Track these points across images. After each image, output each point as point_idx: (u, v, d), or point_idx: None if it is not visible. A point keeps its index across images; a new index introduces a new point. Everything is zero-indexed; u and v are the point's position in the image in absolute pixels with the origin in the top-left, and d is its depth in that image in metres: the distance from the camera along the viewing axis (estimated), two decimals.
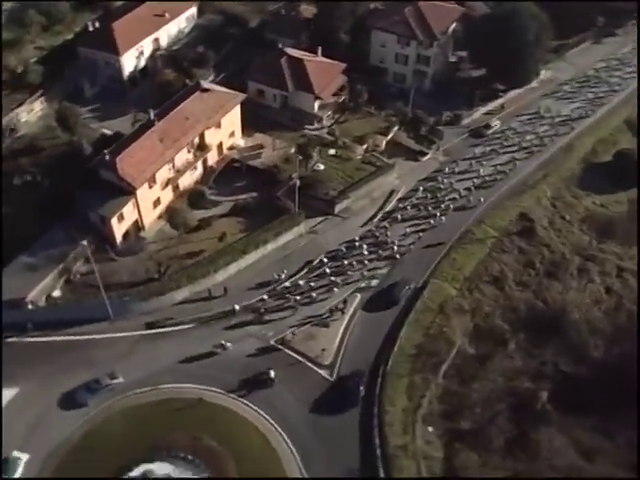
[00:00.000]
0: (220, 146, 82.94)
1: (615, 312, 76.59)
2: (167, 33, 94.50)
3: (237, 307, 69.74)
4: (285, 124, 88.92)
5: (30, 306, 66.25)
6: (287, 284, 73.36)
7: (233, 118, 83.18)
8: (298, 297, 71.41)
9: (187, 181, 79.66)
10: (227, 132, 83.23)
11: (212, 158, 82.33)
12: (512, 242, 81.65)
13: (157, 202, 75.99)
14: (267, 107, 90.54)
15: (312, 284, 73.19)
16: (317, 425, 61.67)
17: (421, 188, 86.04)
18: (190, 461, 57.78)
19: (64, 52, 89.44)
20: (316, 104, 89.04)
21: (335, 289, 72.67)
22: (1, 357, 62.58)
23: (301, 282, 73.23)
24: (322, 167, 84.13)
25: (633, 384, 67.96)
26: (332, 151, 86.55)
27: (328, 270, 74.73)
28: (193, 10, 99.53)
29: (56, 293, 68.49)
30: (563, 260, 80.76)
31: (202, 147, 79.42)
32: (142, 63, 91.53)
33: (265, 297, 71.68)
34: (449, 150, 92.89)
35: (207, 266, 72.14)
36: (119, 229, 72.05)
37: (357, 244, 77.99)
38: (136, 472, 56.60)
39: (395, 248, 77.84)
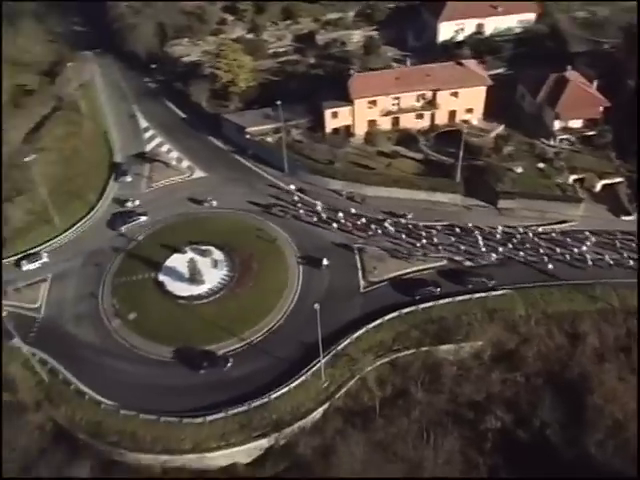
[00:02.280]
0: (453, 113, 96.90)
1: None
2: (494, 24, 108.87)
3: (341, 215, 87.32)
4: (524, 128, 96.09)
5: (247, 136, 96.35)
6: (409, 223, 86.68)
7: (474, 96, 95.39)
8: (404, 235, 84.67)
9: (410, 124, 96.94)
10: (464, 105, 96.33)
11: (441, 119, 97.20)
12: (625, 320, 75.39)
13: (373, 123, 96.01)
14: (522, 109, 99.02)
15: (423, 233, 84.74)
16: (325, 302, 71.98)
17: None
18: (232, 263, 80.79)
19: (410, 10, 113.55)
20: (556, 122, 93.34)
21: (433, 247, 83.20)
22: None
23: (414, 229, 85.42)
24: (519, 170, 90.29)
25: None
26: (541, 165, 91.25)
27: (446, 234, 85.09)
28: (530, 16, 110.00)
29: (269, 139, 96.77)
30: None
31: (431, 103, 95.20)
32: (459, 38, 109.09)
33: (385, 221, 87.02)
34: None
35: (360, 177, 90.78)
36: (330, 122, 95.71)
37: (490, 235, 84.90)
38: (202, 247, 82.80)
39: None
